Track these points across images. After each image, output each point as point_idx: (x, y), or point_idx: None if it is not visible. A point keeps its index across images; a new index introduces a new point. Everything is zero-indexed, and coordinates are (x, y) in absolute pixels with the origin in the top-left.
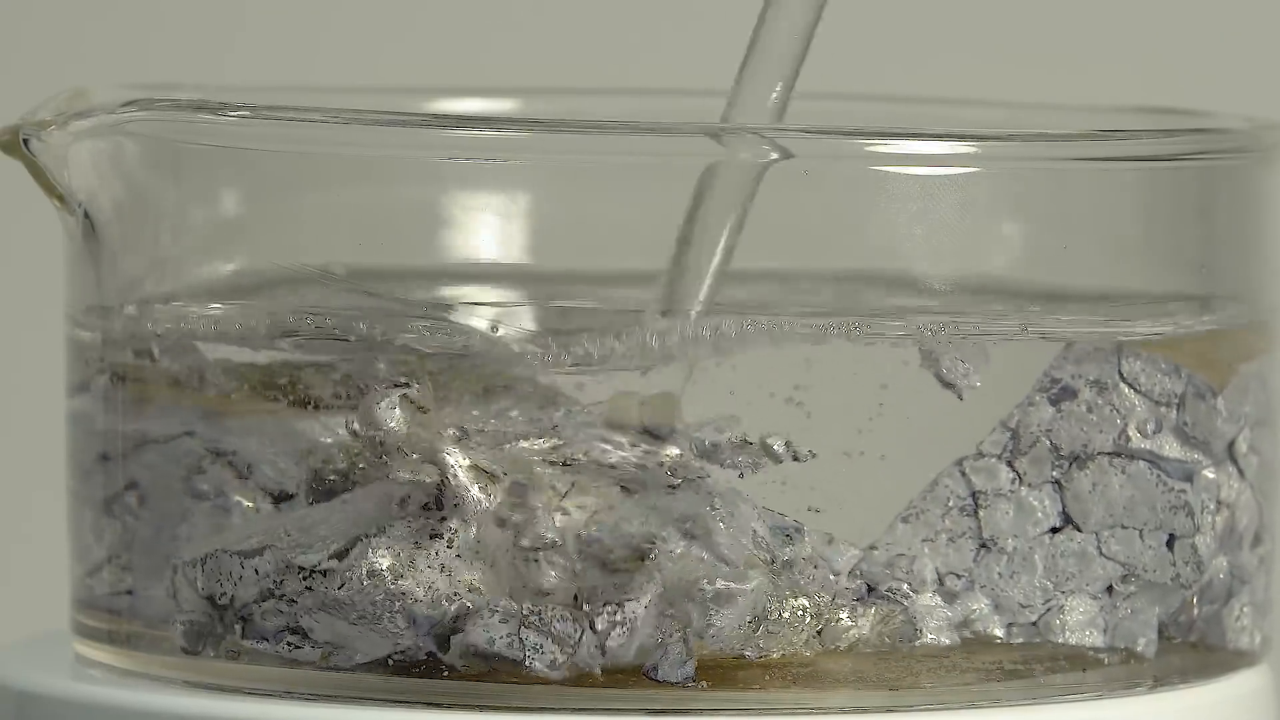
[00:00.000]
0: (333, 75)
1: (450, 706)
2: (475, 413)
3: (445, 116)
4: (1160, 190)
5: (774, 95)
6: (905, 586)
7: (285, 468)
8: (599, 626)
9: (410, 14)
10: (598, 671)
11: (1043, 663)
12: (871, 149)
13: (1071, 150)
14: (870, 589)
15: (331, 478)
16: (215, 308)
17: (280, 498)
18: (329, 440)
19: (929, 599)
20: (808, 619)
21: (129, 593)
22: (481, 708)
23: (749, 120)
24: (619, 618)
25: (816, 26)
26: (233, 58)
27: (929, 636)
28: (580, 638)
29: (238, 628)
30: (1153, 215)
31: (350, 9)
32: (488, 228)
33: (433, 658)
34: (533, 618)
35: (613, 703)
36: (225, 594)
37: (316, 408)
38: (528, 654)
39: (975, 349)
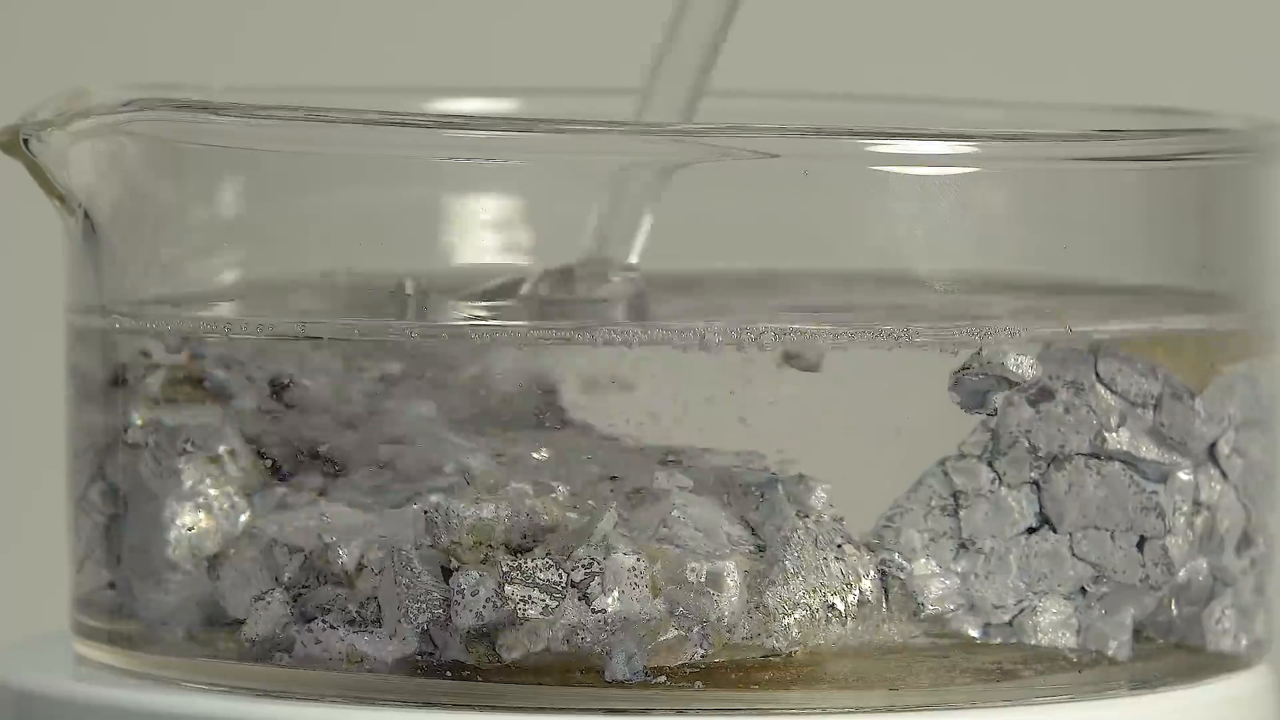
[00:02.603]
0: (333, 75)
1: (450, 706)
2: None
3: (445, 116)
4: (1160, 190)
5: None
6: (897, 556)
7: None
8: (577, 577)
9: (410, 14)
10: (590, 627)
11: (1043, 663)
12: (871, 149)
13: (1071, 150)
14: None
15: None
16: (214, 307)
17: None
18: (310, 438)
19: (924, 565)
20: (814, 599)
21: (111, 586)
22: (481, 708)
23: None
24: (596, 569)
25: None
26: (233, 58)
27: (931, 608)
28: (565, 585)
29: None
30: (1153, 215)
31: (350, 9)
32: (488, 228)
33: (431, 659)
34: (514, 573)
35: (611, 702)
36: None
37: (307, 409)
38: (518, 607)
39: (1027, 345)
